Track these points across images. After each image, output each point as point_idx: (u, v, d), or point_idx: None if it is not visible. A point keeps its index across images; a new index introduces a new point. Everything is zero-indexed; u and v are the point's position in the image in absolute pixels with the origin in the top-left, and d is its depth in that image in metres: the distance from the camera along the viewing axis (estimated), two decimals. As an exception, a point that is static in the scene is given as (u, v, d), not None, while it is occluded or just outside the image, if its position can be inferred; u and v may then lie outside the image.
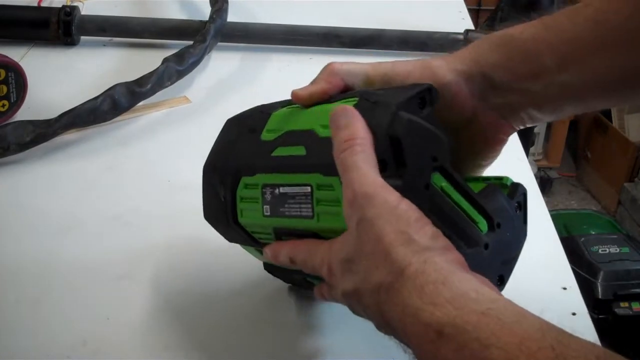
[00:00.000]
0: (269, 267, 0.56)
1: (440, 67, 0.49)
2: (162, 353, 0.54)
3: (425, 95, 0.44)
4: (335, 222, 0.43)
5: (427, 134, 0.43)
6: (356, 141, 0.42)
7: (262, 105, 0.53)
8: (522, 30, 0.49)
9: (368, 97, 0.44)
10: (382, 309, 0.39)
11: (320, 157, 0.44)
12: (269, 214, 0.48)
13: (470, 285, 0.37)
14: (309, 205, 0.45)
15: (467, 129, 0.51)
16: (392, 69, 0.50)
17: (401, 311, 0.37)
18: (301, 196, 0.46)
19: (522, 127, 0.52)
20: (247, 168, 0.50)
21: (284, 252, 0.48)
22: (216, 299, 0.58)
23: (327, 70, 0.50)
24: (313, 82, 0.50)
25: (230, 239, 0.54)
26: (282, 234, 0.48)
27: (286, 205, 0.47)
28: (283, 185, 0.47)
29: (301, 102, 0.49)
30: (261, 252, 0.52)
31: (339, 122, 0.43)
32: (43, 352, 0.53)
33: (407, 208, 0.40)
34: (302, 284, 0.54)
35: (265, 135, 0.50)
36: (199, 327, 0.56)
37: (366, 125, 0.42)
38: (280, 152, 0.48)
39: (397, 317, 0.38)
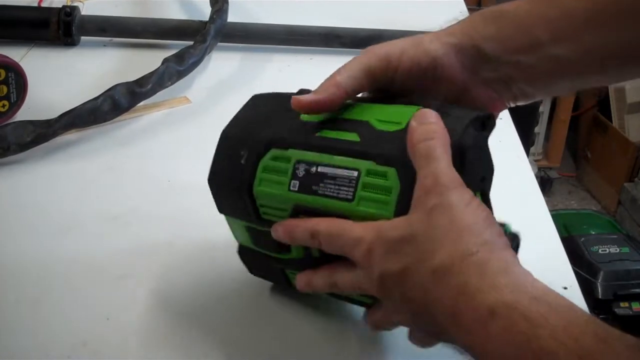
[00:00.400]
0: (245, 254, 0.56)
1: (432, 42, 0.49)
2: (162, 353, 0.54)
3: (485, 121, 0.46)
4: (376, 209, 0.45)
5: (485, 156, 0.48)
6: (440, 135, 0.43)
7: (293, 92, 0.53)
8: (516, 6, 0.49)
9: (436, 108, 0.46)
10: (432, 289, 0.40)
11: (376, 147, 0.46)
12: (296, 189, 0.48)
13: (527, 277, 0.39)
14: (351, 189, 0.46)
15: (457, 103, 0.50)
16: (385, 49, 0.49)
17: (457, 292, 0.39)
18: (344, 179, 0.47)
19: (512, 104, 0.52)
20: (281, 141, 0.50)
21: (305, 226, 0.47)
22: (217, 298, 0.58)
23: (326, 84, 0.49)
24: (315, 92, 0.49)
25: (226, 207, 0.53)
26: (301, 212, 0.49)
27: (321, 185, 0.48)
28: (323, 165, 0.48)
29: (302, 109, 0.49)
30: (247, 230, 0.52)
31: (424, 119, 0.44)
32: (43, 352, 0.53)
33: (479, 205, 0.42)
34: (279, 278, 0.55)
35: (306, 117, 0.50)
36: (200, 327, 0.56)
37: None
38: (327, 134, 0.49)
39: (450, 297, 0.39)
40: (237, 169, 0.51)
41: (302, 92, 0.52)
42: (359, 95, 0.51)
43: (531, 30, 0.48)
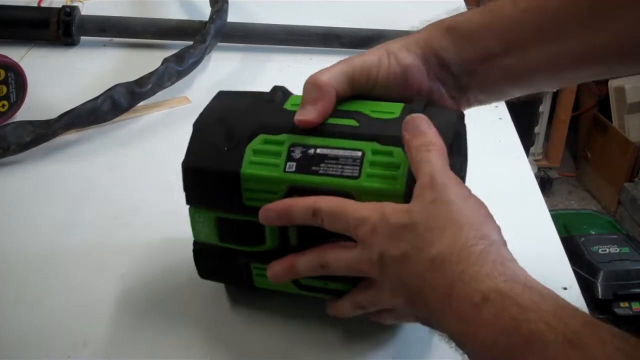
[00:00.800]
0: (202, 253, 0.54)
1: (401, 51, 0.52)
2: (162, 353, 0.54)
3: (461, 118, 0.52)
4: (386, 184, 0.47)
5: (465, 140, 0.54)
6: (435, 147, 0.46)
7: (262, 91, 0.55)
8: (469, 18, 0.52)
9: (420, 108, 0.49)
10: (428, 276, 0.41)
11: (377, 130, 0.49)
12: (293, 170, 0.49)
13: (522, 271, 0.41)
14: (356, 167, 0.48)
15: None
16: (364, 61, 0.52)
17: (453, 279, 0.40)
18: (347, 158, 0.48)
19: (466, 109, 0.56)
20: (271, 127, 0.51)
21: (306, 203, 0.47)
22: (217, 298, 0.58)
23: (316, 87, 0.50)
24: (309, 103, 0.50)
25: (199, 197, 0.52)
26: (297, 193, 0.49)
27: (322, 165, 0.49)
28: (323, 147, 0.49)
29: (313, 125, 0.50)
30: (217, 223, 0.51)
31: (415, 130, 0.46)
32: (43, 352, 0.53)
33: (477, 201, 0.45)
34: (238, 277, 0.54)
35: (291, 107, 0.51)
36: (200, 326, 0.56)
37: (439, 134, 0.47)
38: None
39: (446, 284, 0.40)
40: (219, 154, 0.50)
41: (277, 89, 0.54)
42: None
43: (483, 43, 0.52)
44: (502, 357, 0.38)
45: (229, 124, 0.51)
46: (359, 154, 0.48)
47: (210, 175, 0.51)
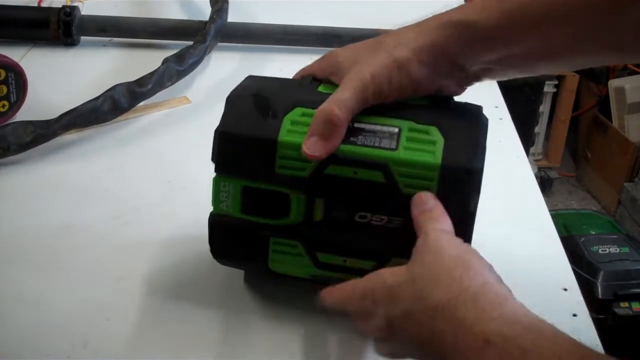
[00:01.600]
0: (220, 225, 0.54)
1: (412, 63, 0.51)
2: (162, 353, 0.54)
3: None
4: (422, 157, 0.49)
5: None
6: (438, 217, 0.48)
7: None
8: (487, 16, 0.50)
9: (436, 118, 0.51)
10: (433, 324, 0.42)
11: (413, 112, 0.51)
12: None
13: (522, 309, 0.42)
14: (394, 141, 0.50)
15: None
16: (373, 77, 0.50)
17: (456, 324, 0.41)
18: (384, 133, 0.50)
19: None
20: (307, 102, 0.51)
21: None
22: (217, 299, 0.58)
23: (330, 124, 0.49)
24: (320, 136, 0.49)
25: (230, 164, 0.52)
26: (332, 162, 0.50)
27: (360, 137, 0.50)
28: (360, 122, 0.51)
29: (320, 159, 0.50)
30: (242, 192, 0.52)
31: (424, 206, 0.48)
32: (43, 352, 0.53)
33: (468, 248, 0.46)
34: (255, 256, 0.53)
35: (324, 90, 0.53)
36: (200, 326, 0.56)
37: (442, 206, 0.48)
38: None
39: (451, 332, 0.41)
40: (255, 122, 0.51)
41: (305, 77, 0.55)
42: None
43: (503, 42, 0.50)
44: None
45: (265, 98, 0.52)
46: (396, 130, 0.50)
47: (246, 141, 0.51)
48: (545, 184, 2.43)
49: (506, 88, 0.93)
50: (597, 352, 0.38)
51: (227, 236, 0.54)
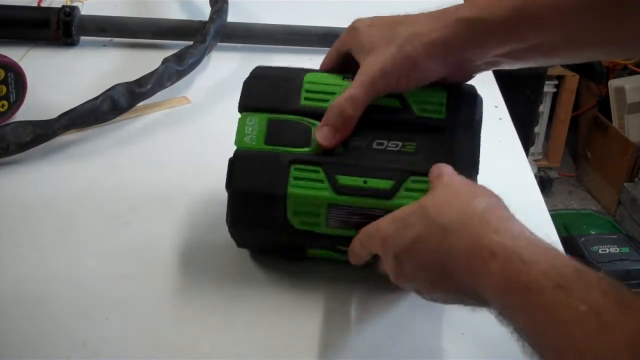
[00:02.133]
0: (242, 159, 0.55)
1: (422, 58, 0.53)
2: (162, 353, 0.54)
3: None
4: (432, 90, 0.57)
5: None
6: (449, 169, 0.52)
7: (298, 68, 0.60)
8: (492, 10, 0.52)
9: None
10: (444, 244, 0.45)
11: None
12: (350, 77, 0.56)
13: (526, 229, 0.45)
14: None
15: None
16: (384, 73, 0.54)
17: (466, 239, 0.44)
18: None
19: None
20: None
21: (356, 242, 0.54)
22: (216, 299, 0.58)
23: (342, 118, 0.54)
24: (333, 127, 0.54)
25: (259, 99, 0.57)
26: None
27: None
28: None
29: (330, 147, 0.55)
30: (268, 123, 0.56)
31: (442, 171, 0.52)
32: (43, 352, 0.53)
33: (475, 182, 0.52)
34: (273, 180, 0.54)
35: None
36: (200, 326, 0.56)
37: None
38: None
39: (462, 246, 0.44)
40: (283, 70, 0.59)
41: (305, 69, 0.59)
42: None
43: (512, 37, 0.53)
44: (508, 302, 0.42)
45: (283, 71, 0.59)
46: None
47: (276, 79, 0.58)
48: (545, 184, 2.43)
49: (506, 88, 0.93)
50: (589, 269, 0.40)
51: (247, 165, 0.56)
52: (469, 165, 0.54)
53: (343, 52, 0.59)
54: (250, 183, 0.55)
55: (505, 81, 0.94)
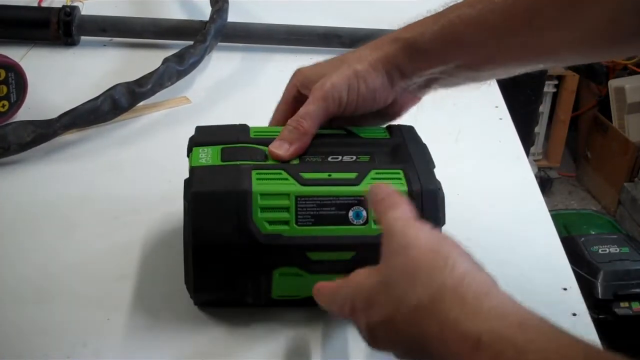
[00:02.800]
0: (201, 174, 0.53)
1: (369, 73, 0.57)
2: (162, 353, 0.54)
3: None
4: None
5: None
6: (397, 205, 0.46)
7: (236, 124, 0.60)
8: (423, 33, 0.57)
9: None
10: (418, 327, 0.40)
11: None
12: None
13: (509, 299, 0.39)
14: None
15: (383, 109, 0.60)
16: (333, 87, 0.57)
17: (441, 324, 0.38)
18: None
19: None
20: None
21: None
22: (216, 299, 0.58)
23: (299, 133, 0.56)
24: (287, 141, 0.56)
25: (211, 133, 0.58)
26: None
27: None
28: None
29: (283, 159, 0.55)
30: (219, 151, 0.55)
31: (377, 197, 0.48)
32: (43, 352, 0.53)
33: (439, 235, 0.43)
34: (235, 182, 0.52)
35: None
36: (200, 326, 0.56)
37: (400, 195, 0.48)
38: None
39: (437, 331, 0.38)
40: (229, 126, 0.60)
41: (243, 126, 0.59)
42: None
43: (440, 59, 0.57)
44: None
45: (228, 126, 0.60)
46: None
47: (222, 128, 0.59)
48: (545, 184, 2.43)
49: (506, 88, 0.93)
50: (597, 347, 0.36)
51: (209, 173, 0.53)
52: (424, 164, 0.55)
53: (292, 96, 0.61)
54: (210, 187, 0.52)
55: (505, 81, 0.94)
